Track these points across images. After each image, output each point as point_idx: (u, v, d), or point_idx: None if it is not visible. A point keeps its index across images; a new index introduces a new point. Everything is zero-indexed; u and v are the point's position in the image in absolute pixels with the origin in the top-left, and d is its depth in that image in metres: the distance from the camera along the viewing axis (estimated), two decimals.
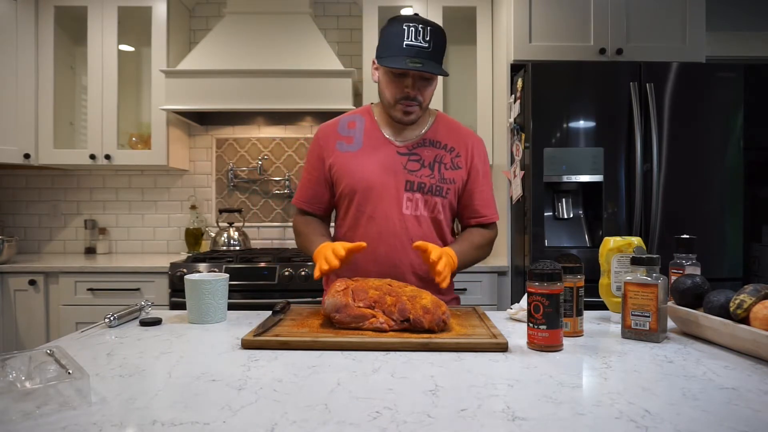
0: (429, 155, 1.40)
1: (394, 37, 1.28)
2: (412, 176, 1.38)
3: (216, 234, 2.87)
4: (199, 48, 2.70)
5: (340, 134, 1.43)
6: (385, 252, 1.36)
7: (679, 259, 1.23)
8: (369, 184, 1.37)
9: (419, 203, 1.38)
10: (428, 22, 1.30)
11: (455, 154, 1.42)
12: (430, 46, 1.28)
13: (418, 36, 1.27)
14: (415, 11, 2.76)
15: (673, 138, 2.25)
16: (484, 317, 1.19)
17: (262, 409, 0.70)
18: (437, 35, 1.29)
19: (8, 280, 2.47)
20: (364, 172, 1.37)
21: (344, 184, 1.39)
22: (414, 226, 1.38)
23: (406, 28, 1.27)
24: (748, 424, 0.65)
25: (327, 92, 2.58)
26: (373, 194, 1.37)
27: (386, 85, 1.35)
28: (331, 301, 1.09)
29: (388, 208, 1.37)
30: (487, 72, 2.78)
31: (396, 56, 1.27)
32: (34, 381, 0.72)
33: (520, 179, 2.36)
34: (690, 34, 2.46)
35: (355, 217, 1.39)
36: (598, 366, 0.89)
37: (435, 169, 1.39)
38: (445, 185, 1.40)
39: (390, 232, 1.36)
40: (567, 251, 2.22)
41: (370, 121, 1.44)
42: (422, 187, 1.38)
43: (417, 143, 1.41)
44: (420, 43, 1.27)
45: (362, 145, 1.41)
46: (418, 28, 1.27)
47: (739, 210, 2.27)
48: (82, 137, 2.97)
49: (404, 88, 1.32)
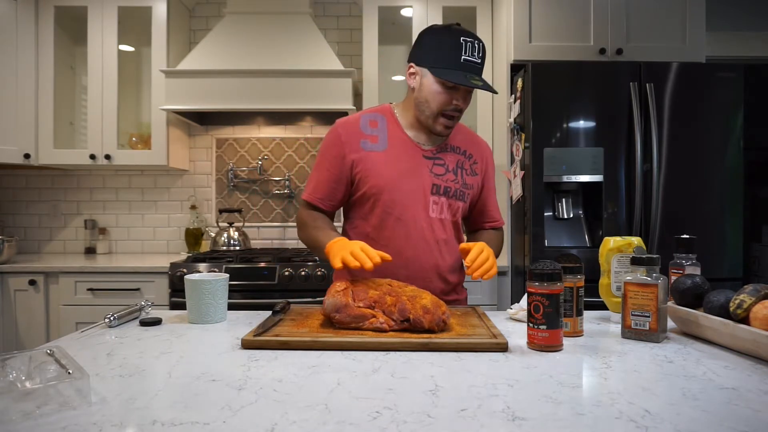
0: (452, 160, 1.43)
1: (450, 50, 1.29)
2: (438, 180, 1.40)
3: (216, 234, 2.87)
4: (199, 48, 2.70)
5: (364, 132, 1.41)
6: (413, 255, 1.37)
7: (679, 259, 1.23)
8: (397, 185, 1.36)
9: (444, 207, 1.40)
10: (477, 37, 1.32)
11: (473, 161, 1.47)
12: (482, 63, 1.32)
13: (474, 52, 1.30)
14: (414, 11, 2.76)
15: (673, 138, 2.25)
16: (484, 317, 1.19)
17: (262, 409, 0.70)
18: (485, 52, 1.34)
19: (8, 280, 2.47)
20: (392, 173, 1.37)
21: (370, 183, 1.37)
22: (439, 228, 1.40)
23: (464, 42, 1.29)
24: (748, 424, 0.65)
25: (327, 92, 2.58)
26: (401, 196, 1.37)
27: (434, 96, 1.33)
28: (331, 301, 1.09)
29: (416, 210, 1.37)
30: (487, 72, 2.78)
31: (455, 70, 1.28)
32: (34, 381, 0.72)
33: (520, 179, 2.37)
34: (690, 34, 2.46)
35: (381, 217, 1.38)
36: (598, 366, 0.89)
37: (458, 174, 1.42)
38: (467, 190, 1.44)
39: (417, 235, 1.37)
40: (567, 251, 2.23)
41: (392, 122, 1.43)
42: (447, 192, 1.40)
43: (440, 148, 1.43)
44: (475, 59, 1.30)
45: (388, 146, 1.40)
46: (474, 44, 1.30)
47: (739, 210, 2.27)
48: (82, 137, 2.97)
49: (453, 100, 1.33)
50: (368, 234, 1.40)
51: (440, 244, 1.39)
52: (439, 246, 1.39)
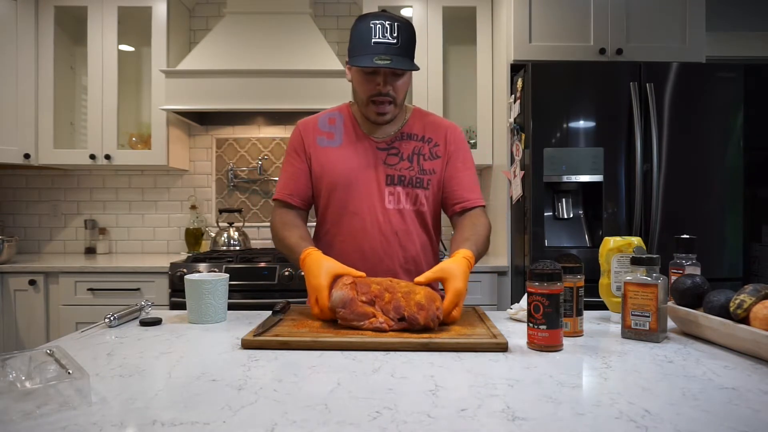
0: (407, 148, 1.41)
1: (362, 36, 1.29)
2: (392, 170, 1.39)
3: (216, 234, 2.87)
4: (199, 48, 2.70)
5: (321, 130, 1.44)
6: (371, 247, 1.37)
7: (679, 259, 1.23)
8: (350, 179, 1.38)
9: (401, 196, 1.39)
10: (395, 17, 1.30)
11: (433, 144, 1.43)
12: (398, 42, 1.28)
13: (386, 33, 1.27)
14: (414, 11, 2.76)
15: (673, 138, 2.25)
16: (484, 317, 1.19)
17: (262, 409, 0.70)
18: (405, 30, 1.29)
19: (8, 280, 2.47)
20: (344, 167, 1.38)
21: (326, 179, 1.40)
22: (398, 219, 1.38)
23: (373, 26, 1.27)
24: (748, 424, 0.65)
25: (327, 92, 2.58)
26: (355, 190, 1.38)
27: (358, 84, 1.36)
28: (338, 294, 1.09)
29: (371, 203, 1.37)
30: (487, 72, 2.78)
31: (365, 54, 1.27)
32: (34, 381, 0.72)
33: (520, 179, 2.36)
34: (690, 34, 2.46)
35: (338, 212, 1.40)
36: (598, 366, 0.89)
37: (414, 161, 1.40)
38: (426, 176, 1.40)
39: (374, 227, 1.37)
40: (567, 251, 2.22)
41: (348, 118, 1.45)
42: (402, 180, 1.39)
43: (395, 138, 1.42)
44: (388, 39, 1.27)
45: (342, 141, 1.42)
46: (385, 24, 1.27)
47: (739, 210, 2.27)
48: (82, 137, 2.97)
49: (376, 85, 1.32)
50: (328, 230, 1.42)
51: (399, 235, 1.38)
52: (398, 237, 1.38)
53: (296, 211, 1.44)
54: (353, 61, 1.30)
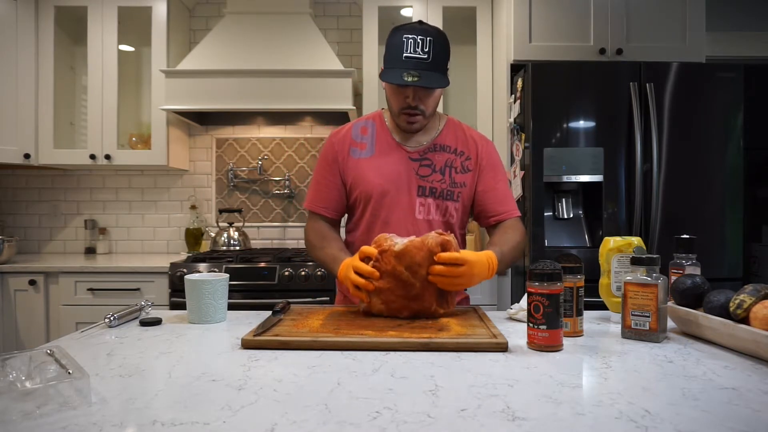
0: (440, 160, 1.42)
1: (394, 49, 1.29)
2: (424, 181, 1.40)
3: (216, 234, 2.87)
4: (199, 48, 2.70)
5: (354, 140, 1.44)
6: None
7: (679, 259, 1.23)
8: (383, 189, 1.38)
9: (431, 208, 1.40)
10: (429, 30, 1.29)
11: (465, 158, 1.44)
12: (429, 57, 1.27)
13: (417, 47, 1.27)
14: (415, 11, 2.76)
15: (673, 138, 2.25)
16: (484, 317, 1.19)
17: (262, 409, 0.70)
18: (437, 45, 1.29)
19: (8, 280, 2.47)
20: (377, 178, 1.39)
21: (359, 190, 1.40)
22: (426, 230, 1.38)
23: (405, 40, 1.27)
24: (748, 424, 0.65)
25: (327, 92, 2.58)
26: (387, 200, 1.38)
27: (390, 96, 1.38)
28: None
29: (402, 213, 1.38)
30: (487, 72, 2.78)
31: (395, 68, 1.28)
32: (34, 381, 0.72)
33: (520, 179, 2.37)
34: (690, 34, 2.46)
35: (369, 222, 1.41)
36: (598, 366, 0.89)
37: (446, 173, 1.41)
38: (456, 189, 1.41)
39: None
40: (567, 251, 2.22)
41: (381, 127, 1.45)
42: (434, 192, 1.40)
43: (428, 148, 1.42)
44: (419, 54, 1.27)
45: (375, 152, 1.42)
46: (417, 39, 1.27)
47: (739, 210, 2.27)
48: (82, 137, 2.97)
49: (405, 98, 1.33)
50: (359, 239, 1.43)
51: None
52: None
53: (330, 222, 1.46)
54: (384, 75, 1.31)
